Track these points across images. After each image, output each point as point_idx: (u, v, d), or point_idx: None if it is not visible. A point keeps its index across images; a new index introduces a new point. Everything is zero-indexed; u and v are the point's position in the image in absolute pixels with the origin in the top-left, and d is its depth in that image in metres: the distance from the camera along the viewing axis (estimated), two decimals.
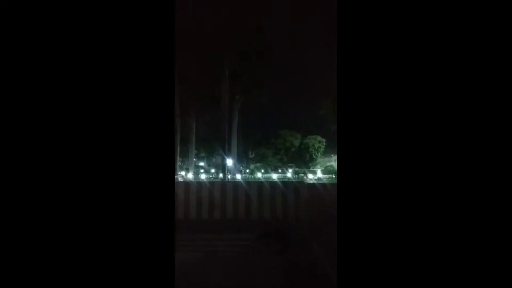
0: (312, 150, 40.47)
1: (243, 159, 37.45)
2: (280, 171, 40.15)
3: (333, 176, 33.77)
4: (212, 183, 7.78)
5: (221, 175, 22.86)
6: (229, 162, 21.86)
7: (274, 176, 36.30)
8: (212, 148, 32.09)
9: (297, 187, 5.44)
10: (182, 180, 19.65)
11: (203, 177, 33.38)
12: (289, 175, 37.39)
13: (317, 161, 40.79)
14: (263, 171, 40.04)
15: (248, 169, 40.67)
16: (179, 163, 22.76)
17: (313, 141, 40.60)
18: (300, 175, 37.00)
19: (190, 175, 24.18)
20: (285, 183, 6.37)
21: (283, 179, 28.80)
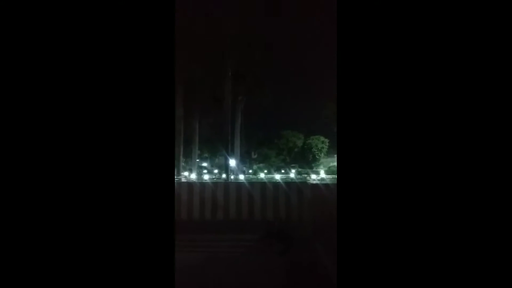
0: (315, 150, 40.32)
1: (246, 160, 37.40)
2: (283, 171, 40.08)
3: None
4: (215, 183, 7.79)
5: (224, 176, 22.88)
6: (232, 162, 21.88)
7: (277, 176, 36.22)
8: (215, 148, 32.12)
9: (300, 187, 5.43)
10: (185, 180, 19.67)
11: (206, 177, 33.33)
12: (292, 175, 37.30)
13: (320, 161, 40.61)
14: (266, 172, 39.98)
15: (251, 170, 40.62)
16: (182, 164, 22.79)
17: (316, 142, 40.44)
18: (303, 175, 36.90)
19: (193, 176, 24.19)
20: (288, 183, 6.36)
21: (286, 180, 28.74)
